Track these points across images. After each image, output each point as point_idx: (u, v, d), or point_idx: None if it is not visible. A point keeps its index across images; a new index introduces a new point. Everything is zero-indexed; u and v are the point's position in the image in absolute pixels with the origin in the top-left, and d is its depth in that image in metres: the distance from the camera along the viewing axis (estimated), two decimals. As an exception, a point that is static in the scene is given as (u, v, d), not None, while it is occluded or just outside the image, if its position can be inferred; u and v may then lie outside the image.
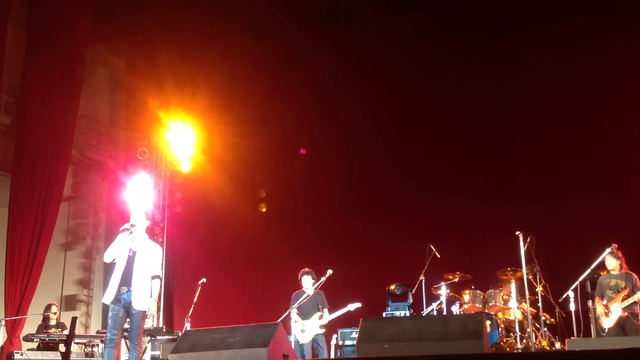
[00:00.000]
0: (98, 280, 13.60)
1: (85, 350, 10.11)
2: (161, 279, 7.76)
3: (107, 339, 7.33)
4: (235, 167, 12.96)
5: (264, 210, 13.30)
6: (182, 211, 13.22)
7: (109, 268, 13.33)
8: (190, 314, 9.30)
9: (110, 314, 7.37)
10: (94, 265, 13.65)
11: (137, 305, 7.30)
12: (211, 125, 12.68)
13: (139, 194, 12.06)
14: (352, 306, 9.49)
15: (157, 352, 10.12)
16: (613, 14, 11.18)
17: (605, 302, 8.53)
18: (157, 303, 7.61)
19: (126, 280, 7.36)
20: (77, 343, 10.09)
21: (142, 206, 8.62)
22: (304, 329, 9.33)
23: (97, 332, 10.98)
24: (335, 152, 13.03)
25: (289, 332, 8.95)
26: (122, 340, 8.31)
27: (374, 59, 12.67)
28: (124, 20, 12.45)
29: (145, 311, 7.38)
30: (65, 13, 11.78)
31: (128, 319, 7.38)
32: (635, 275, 8.51)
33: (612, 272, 8.62)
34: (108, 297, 7.39)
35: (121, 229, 7.49)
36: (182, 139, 12.64)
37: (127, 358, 8.00)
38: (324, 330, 9.41)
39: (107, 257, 7.55)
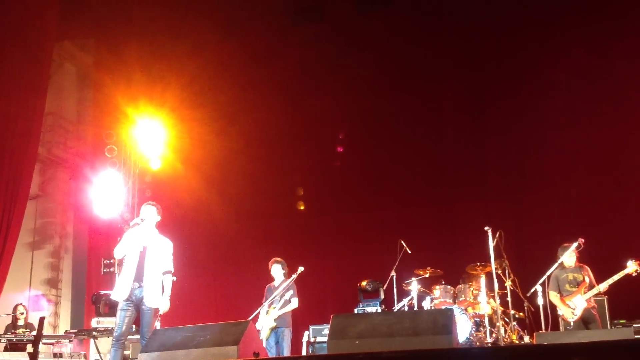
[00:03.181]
0: (66, 280, 13.43)
1: (54, 350, 9.98)
2: (171, 273, 7.60)
3: (115, 337, 7.19)
4: (206, 165, 12.86)
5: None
6: (150, 209, 13.07)
7: (77, 268, 13.30)
8: (161, 313, 9.20)
9: (119, 312, 7.21)
10: (62, 264, 13.45)
11: (149, 302, 7.20)
12: (181, 122, 12.57)
13: (107, 192, 11.94)
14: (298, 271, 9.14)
15: (126, 352, 10.01)
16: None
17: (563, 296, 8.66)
18: (170, 299, 7.46)
19: (138, 276, 7.23)
20: (45, 343, 9.95)
21: (136, 199, 8.45)
22: (262, 325, 9.22)
23: (66, 332, 10.84)
24: (306, 149, 13.02)
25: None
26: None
27: (345, 56, 12.69)
28: (91, 16, 12.28)
29: (157, 308, 7.28)
30: (31, 8, 11.55)
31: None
32: (588, 268, 8.67)
33: (567, 267, 8.72)
34: (119, 293, 7.23)
35: (131, 224, 7.39)
36: (151, 136, 12.50)
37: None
38: (275, 323, 9.18)
39: (118, 254, 7.41)
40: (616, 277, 8.32)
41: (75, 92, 14.10)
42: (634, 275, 8.25)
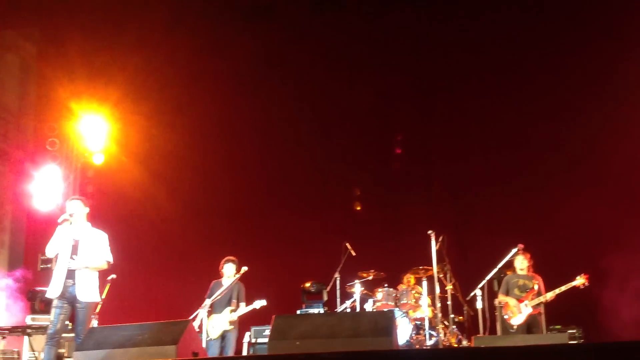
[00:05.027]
0: (2, 275, 13.01)
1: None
2: (110, 264, 7.50)
3: (49, 335, 7.07)
4: (153, 159, 12.64)
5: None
6: (94, 204, 12.74)
7: (14, 263, 12.89)
8: (97, 310, 9.00)
9: (53, 309, 7.10)
10: (-1, 259, 13.05)
11: (83, 297, 7.08)
12: (126, 115, 12.31)
13: (47, 185, 11.64)
14: (258, 303, 9.32)
15: (62, 350, 9.76)
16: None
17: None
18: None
19: (70, 272, 7.11)
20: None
21: (77, 194, 8.30)
22: (214, 325, 9.19)
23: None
24: (255, 144, 12.93)
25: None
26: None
27: (296, 53, 12.64)
28: (35, 4, 11.93)
29: (92, 304, 7.19)
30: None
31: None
32: (540, 278, 8.94)
33: (519, 272, 8.98)
34: (53, 291, 7.11)
35: (59, 220, 7.20)
36: (94, 130, 12.23)
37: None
38: (232, 326, 9.24)
39: (50, 251, 7.26)
40: (563, 288, 8.60)
41: (17, 83, 13.67)
42: (581, 287, 8.54)
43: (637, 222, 10.07)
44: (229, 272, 9.45)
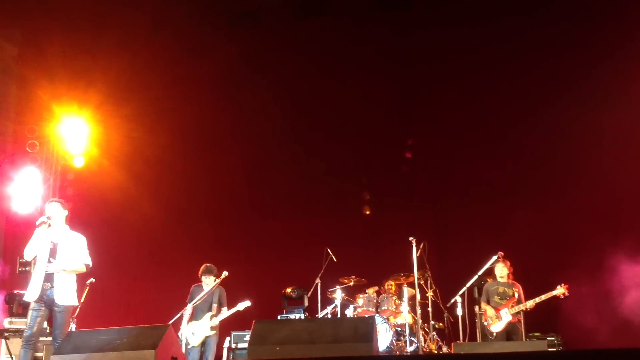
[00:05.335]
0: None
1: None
2: (89, 267, 7.42)
3: (25, 338, 7.02)
4: (134, 163, 12.55)
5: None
6: (74, 208, 12.60)
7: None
8: (76, 314, 8.91)
9: (30, 312, 7.04)
10: (-24, 263, 12.87)
11: (61, 301, 7.02)
12: (107, 118, 12.22)
13: (26, 188, 11.53)
14: (242, 305, 9.25)
15: (39, 354, 9.65)
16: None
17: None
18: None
19: (48, 276, 7.04)
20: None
21: (57, 197, 8.23)
22: (194, 331, 9.12)
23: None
24: (238, 148, 12.89)
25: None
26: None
27: (281, 57, 12.66)
28: (16, 6, 11.82)
29: (70, 307, 7.14)
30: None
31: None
32: (519, 286, 9.00)
33: (499, 280, 9.04)
34: (31, 294, 7.04)
35: (37, 223, 7.14)
36: (75, 132, 12.13)
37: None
38: (214, 332, 9.18)
39: (27, 254, 7.19)
40: (544, 297, 8.67)
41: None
42: (561, 297, 8.61)
43: (613, 232, 10.18)
44: (209, 282, 9.36)
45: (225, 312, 9.25)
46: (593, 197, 10.88)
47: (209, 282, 9.33)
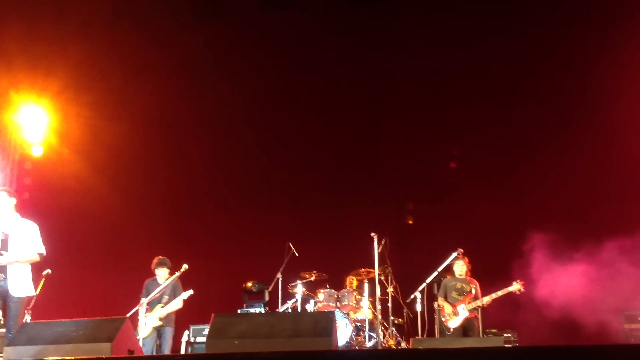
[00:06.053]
0: None
1: None
2: (42, 256, 7.20)
3: None
4: (94, 152, 12.34)
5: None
6: (31, 197, 12.39)
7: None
8: (31, 306, 8.74)
9: None
10: None
11: (15, 292, 6.87)
12: (67, 107, 11.97)
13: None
14: (185, 294, 9.18)
15: (-8, 346, 9.44)
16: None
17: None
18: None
19: (1, 267, 6.85)
20: None
21: (14, 186, 7.96)
22: (146, 322, 8.99)
23: None
24: (201, 140, 12.77)
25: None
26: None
27: (245, 49, 12.56)
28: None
29: (25, 298, 6.98)
30: None
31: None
32: (477, 282, 9.14)
33: (458, 276, 9.16)
34: None
35: None
36: (34, 121, 11.86)
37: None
38: (161, 322, 9.09)
39: None
40: (500, 293, 8.80)
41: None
42: (517, 293, 8.75)
43: (568, 230, 10.34)
44: (162, 275, 9.27)
45: (173, 304, 9.15)
46: (550, 195, 11.07)
47: (162, 275, 9.26)
